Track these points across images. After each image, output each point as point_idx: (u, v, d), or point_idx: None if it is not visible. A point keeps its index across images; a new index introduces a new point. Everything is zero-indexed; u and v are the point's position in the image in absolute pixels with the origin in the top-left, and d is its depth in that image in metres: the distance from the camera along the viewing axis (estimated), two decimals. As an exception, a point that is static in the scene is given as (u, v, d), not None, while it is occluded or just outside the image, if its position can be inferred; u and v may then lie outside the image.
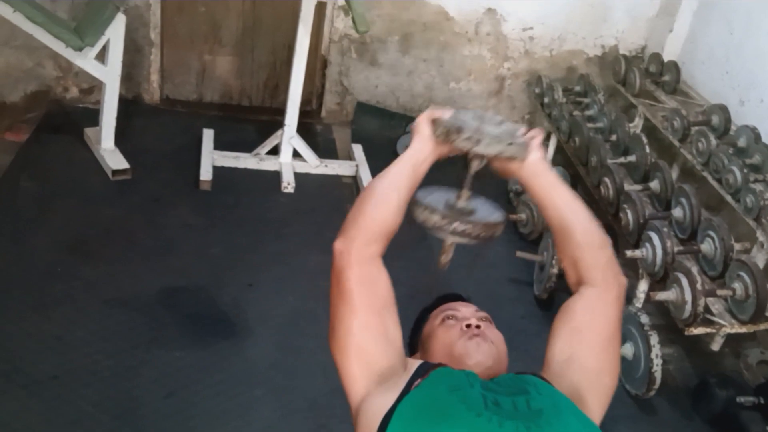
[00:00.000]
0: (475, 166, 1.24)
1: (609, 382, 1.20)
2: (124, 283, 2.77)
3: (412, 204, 1.26)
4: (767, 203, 2.74)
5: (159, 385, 2.35)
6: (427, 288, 1.29)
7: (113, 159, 3.43)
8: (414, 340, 1.38)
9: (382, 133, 4.19)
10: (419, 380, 1.12)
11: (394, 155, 4.51)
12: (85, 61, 3.19)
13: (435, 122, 1.29)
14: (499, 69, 4.38)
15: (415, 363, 1.19)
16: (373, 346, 1.16)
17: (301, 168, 3.71)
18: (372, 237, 1.21)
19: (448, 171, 1.47)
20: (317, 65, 4.25)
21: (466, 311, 1.34)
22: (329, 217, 3.45)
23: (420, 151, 1.30)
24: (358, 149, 3.96)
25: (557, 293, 3.07)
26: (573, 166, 3.77)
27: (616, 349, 1.24)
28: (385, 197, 1.24)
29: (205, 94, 4.30)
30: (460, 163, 1.28)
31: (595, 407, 1.16)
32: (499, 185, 3.63)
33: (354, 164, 3.82)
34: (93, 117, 3.62)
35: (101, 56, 3.27)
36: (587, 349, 1.20)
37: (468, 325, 1.29)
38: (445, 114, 1.29)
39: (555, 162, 3.87)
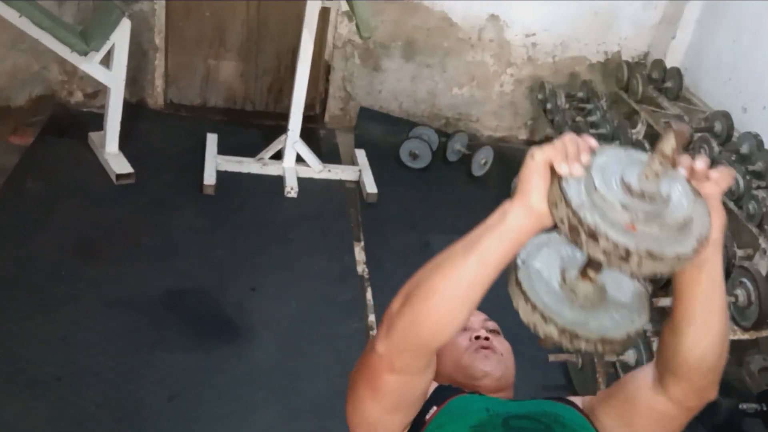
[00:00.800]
0: None
1: None
2: (127, 285, 2.78)
3: (513, 289, 0.89)
4: (769, 210, 2.75)
5: (162, 387, 2.35)
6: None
7: (117, 163, 3.44)
8: None
9: (386, 138, 4.20)
10: (435, 408, 1.10)
11: (397, 161, 4.48)
12: (90, 65, 3.21)
13: (555, 185, 0.80)
14: (502, 75, 4.39)
15: (430, 386, 1.14)
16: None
17: (305, 173, 3.72)
18: (422, 354, 0.98)
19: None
20: (321, 70, 4.26)
21: (475, 320, 1.32)
22: (332, 221, 3.47)
23: (515, 230, 0.84)
24: (361, 154, 3.98)
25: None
26: (576, 172, 3.76)
27: None
28: (448, 314, 0.91)
29: (209, 98, 4.32)
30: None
31: None
32: (501, 188, 3.62)
33: (357, 169, 3.83)
34: (97, 121, 3.64)
35: (106, 60, 3.28)
36: None
37: (477, 337, 1.27)
38: (576, 166, 0.79)
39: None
